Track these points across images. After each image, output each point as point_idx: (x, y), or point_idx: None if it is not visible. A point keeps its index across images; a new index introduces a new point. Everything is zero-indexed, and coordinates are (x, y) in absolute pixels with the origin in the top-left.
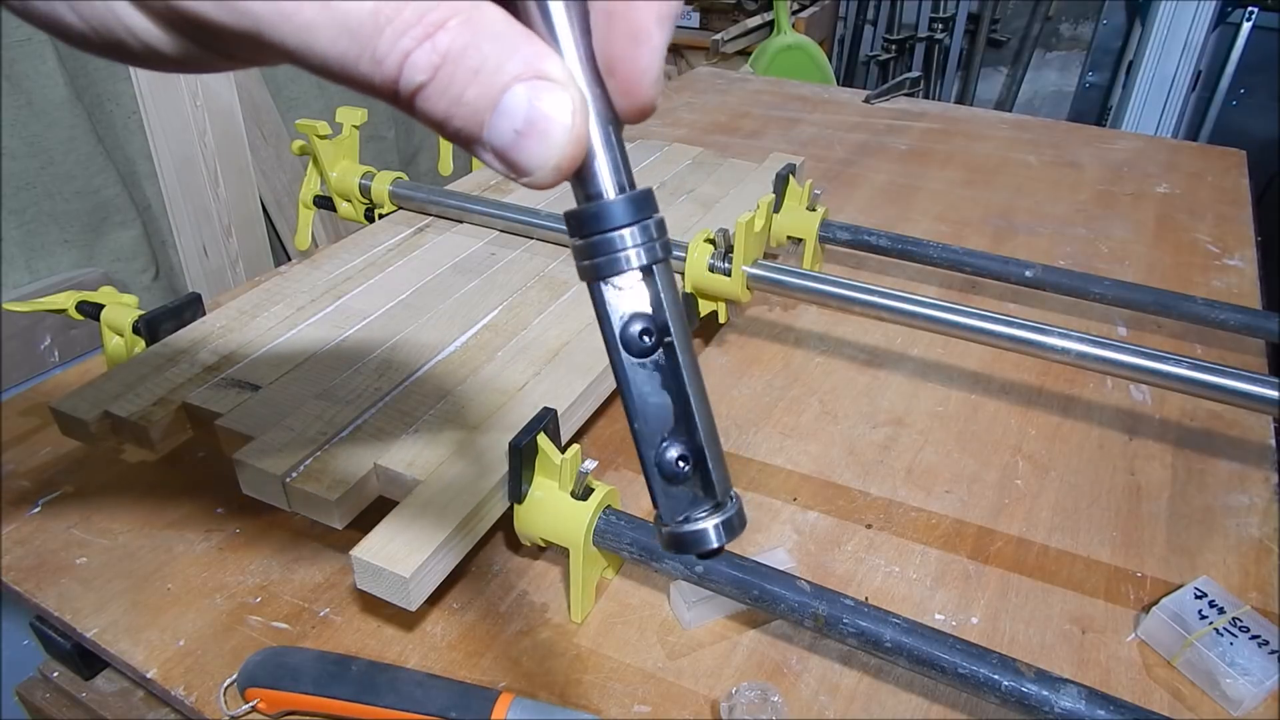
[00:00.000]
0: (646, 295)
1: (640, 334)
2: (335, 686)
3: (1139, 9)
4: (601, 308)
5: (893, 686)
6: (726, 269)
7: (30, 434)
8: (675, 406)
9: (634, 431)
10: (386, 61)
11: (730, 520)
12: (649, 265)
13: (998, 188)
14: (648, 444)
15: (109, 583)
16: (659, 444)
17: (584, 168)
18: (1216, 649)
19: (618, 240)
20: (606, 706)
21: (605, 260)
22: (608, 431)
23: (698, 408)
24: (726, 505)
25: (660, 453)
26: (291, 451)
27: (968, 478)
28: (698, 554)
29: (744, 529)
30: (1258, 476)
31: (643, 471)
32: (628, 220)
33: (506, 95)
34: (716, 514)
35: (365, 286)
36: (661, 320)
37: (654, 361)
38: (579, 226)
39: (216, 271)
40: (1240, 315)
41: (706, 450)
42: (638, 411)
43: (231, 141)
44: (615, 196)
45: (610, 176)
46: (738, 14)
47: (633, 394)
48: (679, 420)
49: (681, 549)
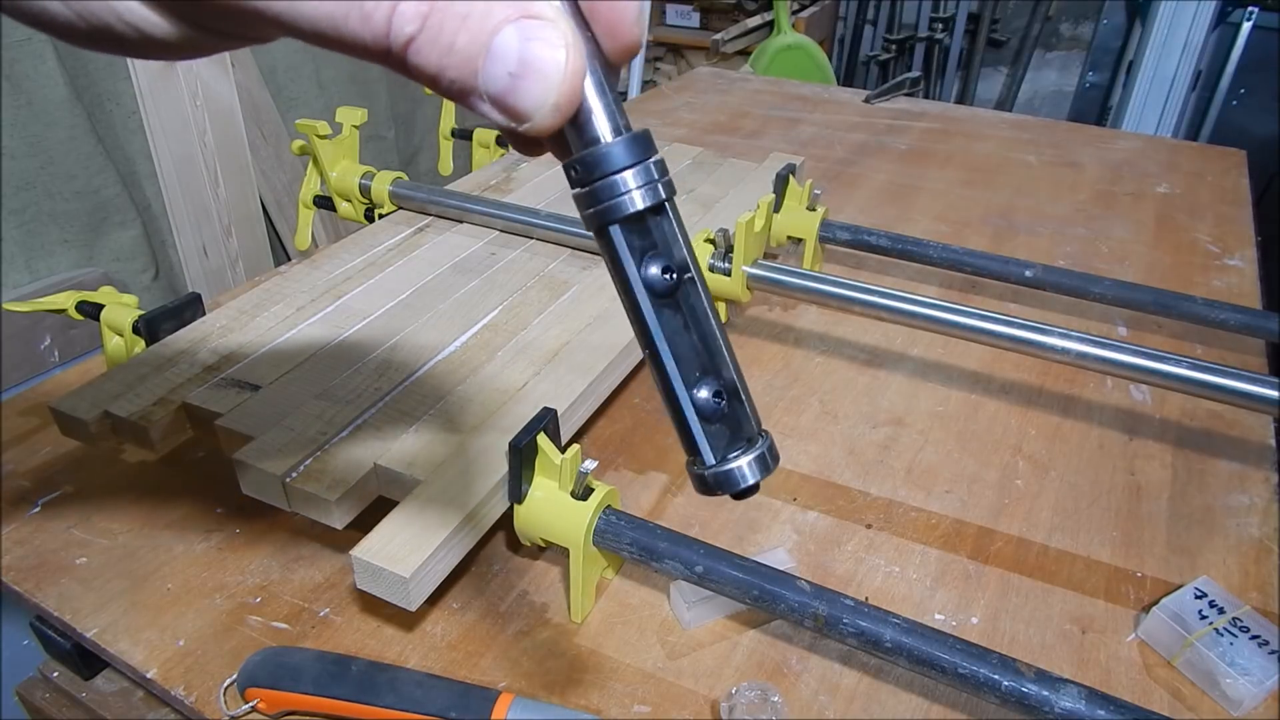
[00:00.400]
0: (663, 234)
1: (662, 273)
2: (335, 686)
3: (1139, 9)
4: (616, 253)
5: (893, 686)
6: (726, 269)
7: (30, 434)
8: (704, 343)
9: (666, 376)
10: (375, 15)
11: (764, 456)
12: (659, 204)
13: (998, 188)
14: (683, 385)
15: (109, 583)
16: (694, 384)
17: (579, 113)
18: (1216, 649)
19: (621, 183)
20: (606, 706)
21: (612, 204)
22: (608, 431)
23: (725, 342)
24: (758, 442)
25: (695, 392)
26: (291, 451)
27: (968, 478)
28: (738, 491)
29: (778, 464)
30: (1258, 476)
31: (676, 418)
32: (629, 161)
33: (497, 38)
34: (751, 450)
35: (365, 286)
36: (680, 257)
37: (677, 300)
38: (581, 173)
39: (216, 271)
40: (1240, 315)
41: (739, 383)
42: (670, 353)
43: (231, 141)
44: (614, 139)
45: (606, 120)
46: (738, 14)
47: (664, 336)
48: (711, 356)
49: (722, 488)
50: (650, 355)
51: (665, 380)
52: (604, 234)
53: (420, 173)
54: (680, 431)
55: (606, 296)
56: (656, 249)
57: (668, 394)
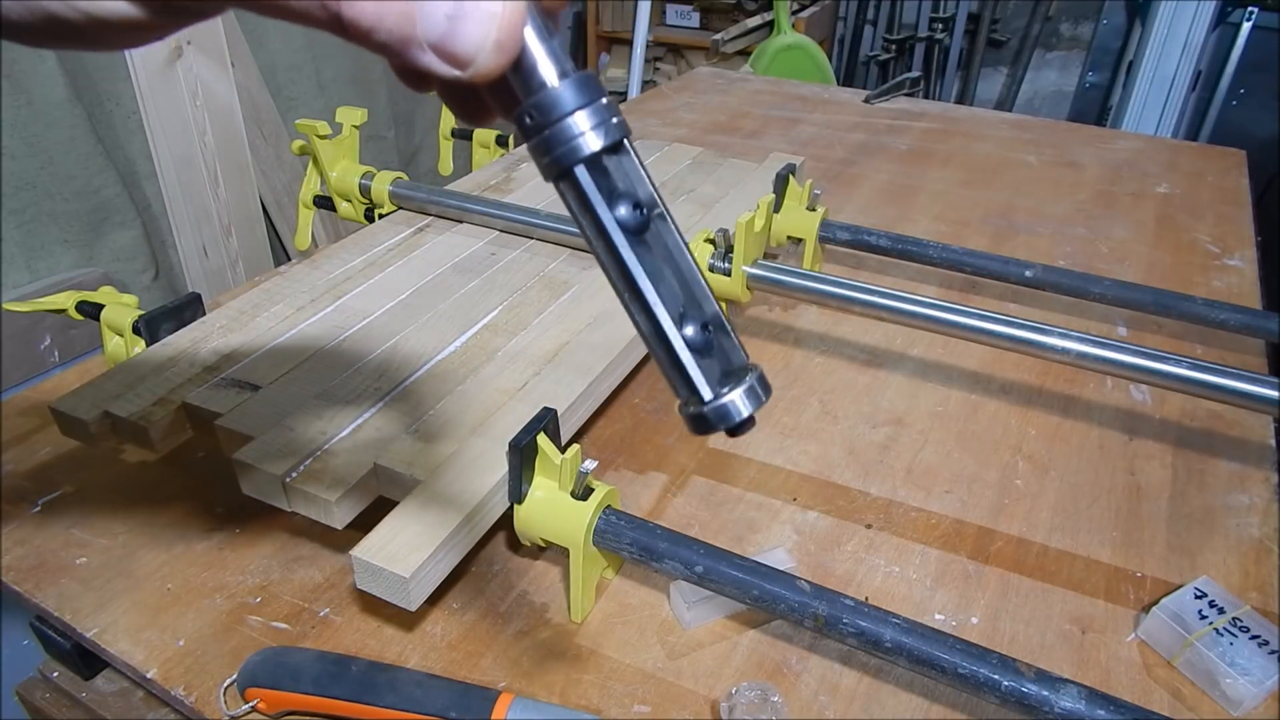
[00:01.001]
0: (624, 172)
1: (633, 209)
2: (335, 686)
3: (1139, 9)
4: (581, 197)
5: (893, 686)
6: (726, 269)
7: (30, 434)
8: (683, 277)
9: (653, 317)
10: None
11: (755, 388)
12: (618, 142)
13: (998, 188)
14: (671, 322)
15: (109, 583)
16: (681, 320)
17: (523, 59)
18: (1216, 649)
19: (574, 126)
20: (606, 706)
21: (567, 149)
22: (608, 431)
23: (702, 274)
24: (748, 374)
25: (683, 328)
26: (291, 451)
27: (968, 478)
28: (734, 425)
29: (770, 395)
30: (1258, 476)
31: (668, 357)
32: (579, 103)
33: None
34: (742, 383)
35: (365, 286)
36: (647, 194)
37: (649, 238)
38: (531, 122)
39: (216, 271)
40: (1240, 315)
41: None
42: (654, 291)
43: (231, 141)
44: (561, 82)
45: (551, 63)
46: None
47: (645, 273)
48: (692, 290)
49: (722, 421)
50: (633, 298)
51: (653, 321)
52: (568, 178)
53: (420, 173)
54: (674, 371)
55: (606, 296)
56: (621, 188)
57: (657, 334)
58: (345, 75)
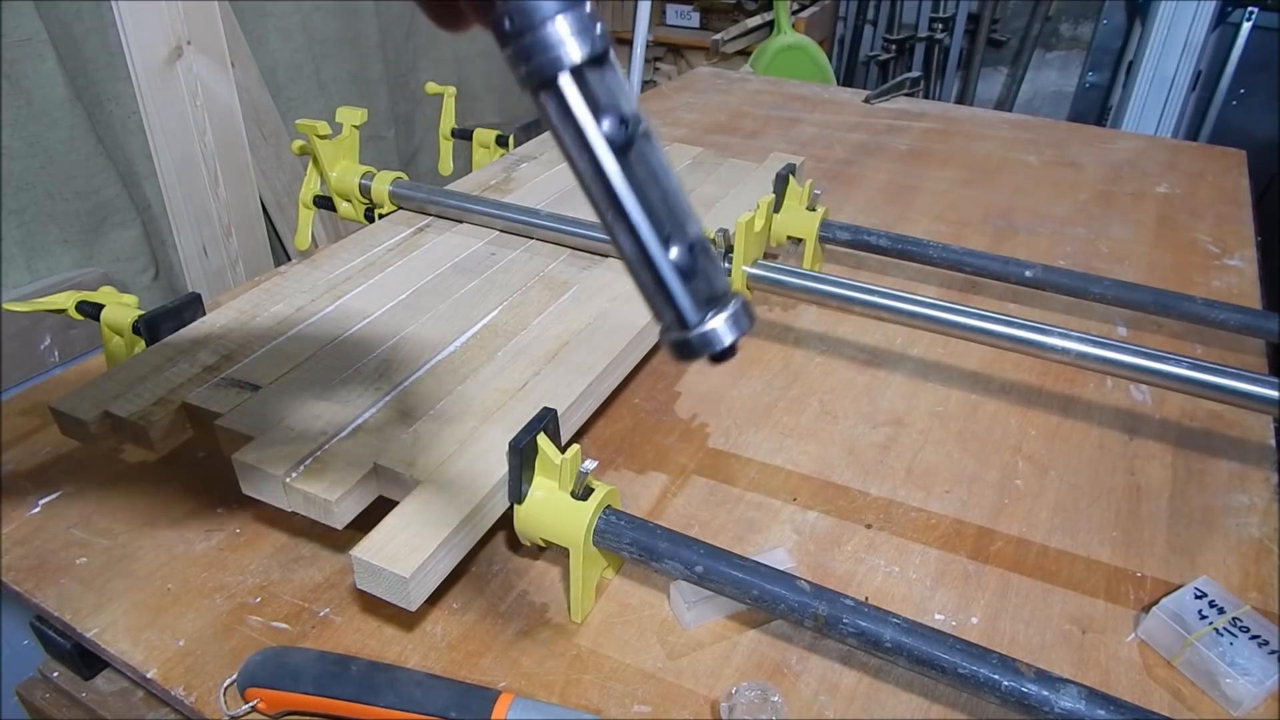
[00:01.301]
0: (606, 86)
1: (619, 124)
2: (335, 686)
3: (1139, 9)
4: (565, 111)
5: (893, 686)
6: (726, 269)
7: (30, 434)
8: (668, 198)
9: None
10: None
11: (738, 314)
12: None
13: (998, 188)
14: (657, 243)
15: (109, 583)
16: (666, 241)
17: None
18: (1216, 649)
19: (553, 34)
20: (606, 706)
21: (548, 59)
22: (608, 431)
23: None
24: (731, 301)
25: (668, 249)
26: (291, 451)
27: (968, 478)
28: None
29: (753, 323)
30: (1258, 476)
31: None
32: (557, 9)
33: None
34: (725, 308)
35: (365, 286)
36: (631, 109)
37: (633, 157)
38: (508, 29)
39: (216, 271)
40: (1240, 315)
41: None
42: (640, 210)
43: (231, 141)
44: None
45: None
46: (738, 14)
47: (632, 190)
48: (677, 211)
49: (707, 347)
50: (618, 218)
51: (637, 241)
52: (550, 88)
53: (420, 173)
54: (659, 294)
55: (606, 296)
56: (605, 102)
57: (641, 255)
58: (345, 75)
